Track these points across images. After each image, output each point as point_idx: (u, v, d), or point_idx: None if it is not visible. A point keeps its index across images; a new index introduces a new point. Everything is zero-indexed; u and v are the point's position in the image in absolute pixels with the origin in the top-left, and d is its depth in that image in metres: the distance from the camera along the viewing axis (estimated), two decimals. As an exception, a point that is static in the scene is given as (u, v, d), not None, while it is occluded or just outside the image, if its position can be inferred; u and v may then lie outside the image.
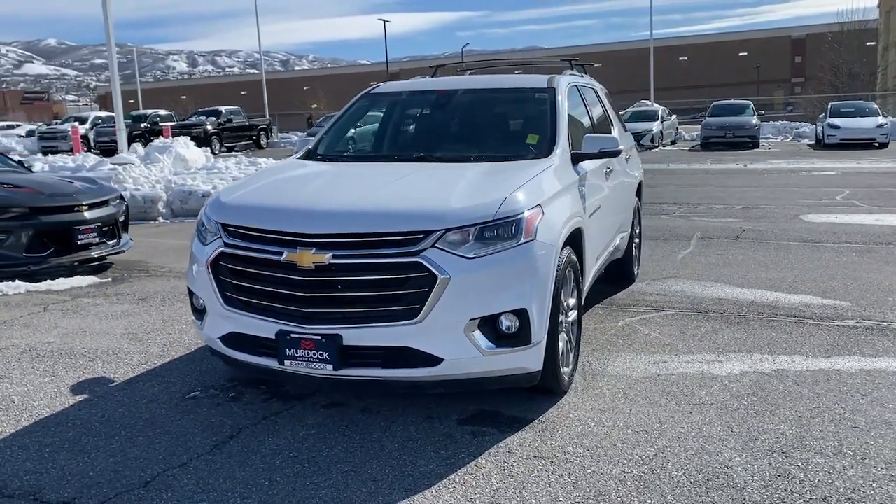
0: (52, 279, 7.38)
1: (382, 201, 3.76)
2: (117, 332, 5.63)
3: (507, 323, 3.65)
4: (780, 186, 14.81)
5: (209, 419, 3.97)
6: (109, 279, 7.62)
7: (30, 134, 40.06)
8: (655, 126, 27.73)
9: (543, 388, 4.05)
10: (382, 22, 56.87)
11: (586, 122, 5.53)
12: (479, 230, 3.60)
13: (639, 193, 7.23)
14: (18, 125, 56.03)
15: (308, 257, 3.53)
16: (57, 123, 39.26)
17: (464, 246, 3.55)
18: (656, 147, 27.44)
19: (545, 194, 3.97)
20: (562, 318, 4.08)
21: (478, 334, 3.58)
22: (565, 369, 4.20)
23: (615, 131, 6.48)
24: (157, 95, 74.70)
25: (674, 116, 31.20)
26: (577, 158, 4.70)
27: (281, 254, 3.61)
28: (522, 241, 3.65)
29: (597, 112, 6.00)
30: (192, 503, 3.09)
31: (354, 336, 3.55)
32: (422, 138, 5.24)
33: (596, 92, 6.35)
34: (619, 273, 6.84)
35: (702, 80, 68.66)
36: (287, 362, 3.65)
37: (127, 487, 3.23)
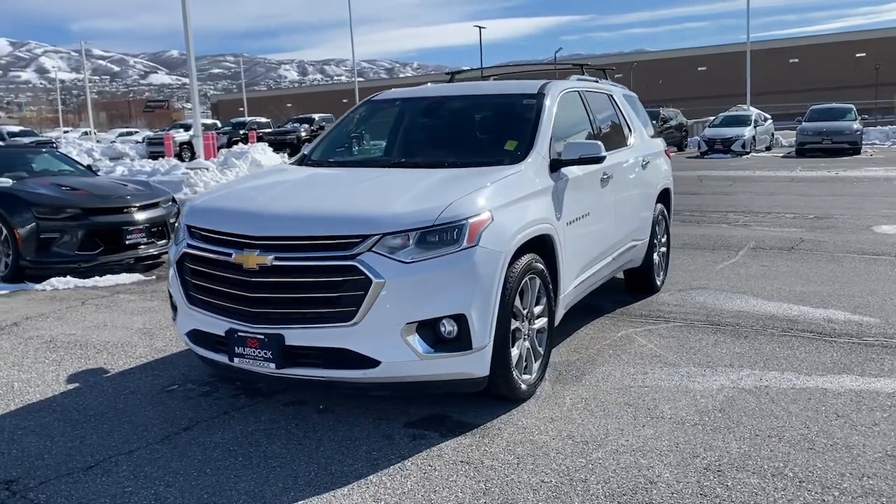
0: (101, 276, 7.89)
1: (328, 206, 3.86)
2: (134, 327, 5.97)
3: (447, 328, 3.66)
4: (866, 195, 13.98)
5: (174, 411, 4.17)
6: (153, 277, 8.07)
7: (144, 140, 42.81)
8: (747, 131, 26.63)
9: (496, 395, 4.03)
10: (478, 28, 57.15)
11: (585, 127, 5.44)
12: (421, 235, 3.63)
13: (665, 201, 7.02)
14: (137, 132, 59.81)
15: (253, 259, 3.67)
16: (165, 130, 41.68)
17: (403, 250, 3.60)
18: (748, 153, 26.36)
19: (500, 200, 3.95)
20: (518, 325, 4.05)
21: (414, 338, 3.61)
22: (526, 377, 4.16)
23: (633, 139, 6.35)
24: (264, 103, 77.86)
25: (769, 121, 29.82)
26: (557, 165, 4.64)
27: (230, 255, 3.77)
28: (464, 246, 3.66)
29: (605, 118, 5.89)
30: (121, 488, 3.28)
31: (296, 336, 3.66)
32: (406, 144, 5.32)
33: (610, 97, 6.24)
34: (638, 283, 6.69)
35: (814, 84, 65.33)
36: (236, 359, 3.80)
37: (70, 470, 3.46)
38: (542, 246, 4.33)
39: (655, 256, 6.72)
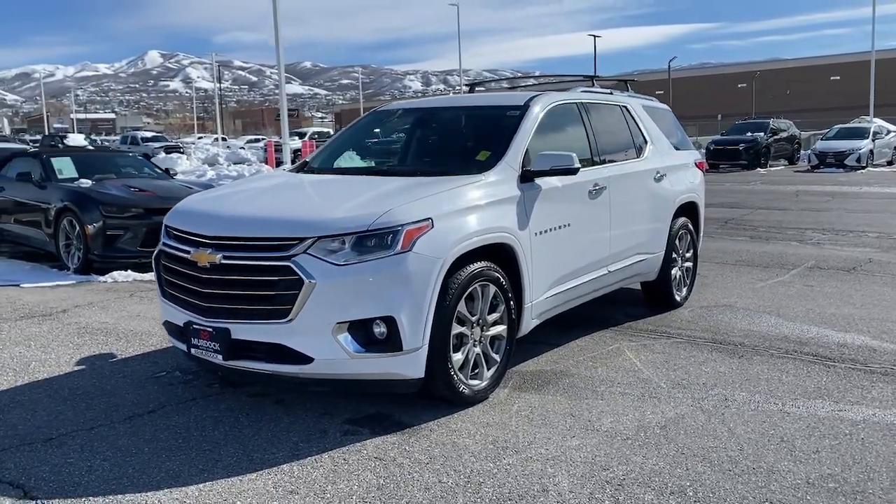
0: (158, 271, 8.51)
1: (276, 210, 4.12)
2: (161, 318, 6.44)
3: (379, 329, 3.82)
4: (972, 215, 12.92)
5: (150, 395, 4.53)
6: (205, 274, 8.62)
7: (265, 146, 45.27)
8: (864, 144, 25.04)
9: (438, 397, 4.14)
10: (593, 38, 56.55)
11: (579, 139, 5.42)
12: (357, 239, 3.81)
13: (690, 215, 6.84)
14: (263, 138, 63.14)
15: (205, 257, 3.97)
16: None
17: (337, 253, 3.79)
18: (864, 168, 24.77)
19: (446, 208, 4.07)
20: (464, 330, 4.15)
21: (345, 337, 3.79)
22: (473, 382, 4.25)
23: (648, 151, 6.25)
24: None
25: (891, 134, 27.89)
26: (529, 175, 4.69)
27: (189, 252, 4.09)
28: (397, 251, 3.81)
29: (609, 130, 5.84)
30: (65, 459, 3.63)
31: (240, 330, 3.92)
32: (393, 153, 5.51)
33: (624, 109, 6.18)
34: (654, 297, 6.58)
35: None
36: (192, 349, 4.12)
37: (31, 441, 3.85)
38: (502, 254, 4.40)
39: (675, 271, 6.57)
